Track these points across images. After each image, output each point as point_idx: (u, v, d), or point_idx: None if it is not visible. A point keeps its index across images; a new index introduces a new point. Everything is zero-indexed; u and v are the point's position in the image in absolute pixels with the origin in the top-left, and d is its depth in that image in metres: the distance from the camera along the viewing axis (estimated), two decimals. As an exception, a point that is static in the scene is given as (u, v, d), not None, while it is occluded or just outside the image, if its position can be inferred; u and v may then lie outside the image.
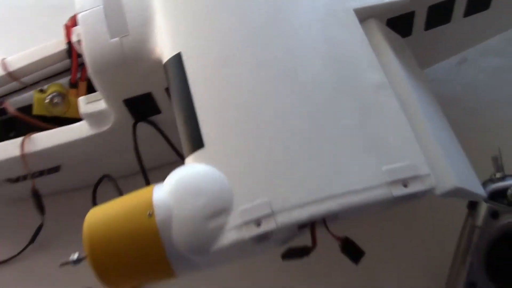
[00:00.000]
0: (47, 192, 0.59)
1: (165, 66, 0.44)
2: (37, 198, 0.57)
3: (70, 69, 0.60)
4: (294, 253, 0.38)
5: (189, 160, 0.39)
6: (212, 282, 0.54)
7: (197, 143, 0.38)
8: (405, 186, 0.35)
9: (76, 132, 0.54)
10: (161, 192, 0.37)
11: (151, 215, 0.36)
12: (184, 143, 0.40)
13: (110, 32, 0.47)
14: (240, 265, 0.55)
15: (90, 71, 0.48)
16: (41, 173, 0.58)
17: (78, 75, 0.60)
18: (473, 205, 0.42)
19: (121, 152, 0.54)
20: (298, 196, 0.35)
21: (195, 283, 0.50)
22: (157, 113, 0.53)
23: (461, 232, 0.43)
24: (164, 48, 0.45)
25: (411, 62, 0.47)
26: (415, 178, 0.35)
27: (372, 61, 0.40)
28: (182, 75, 0.42)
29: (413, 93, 0.40)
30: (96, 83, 0.49)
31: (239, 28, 0.43)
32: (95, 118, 0.53)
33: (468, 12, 0.52)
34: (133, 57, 0.47)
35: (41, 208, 0.57)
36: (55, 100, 0.59)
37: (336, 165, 0.36)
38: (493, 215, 0.40)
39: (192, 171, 0.38)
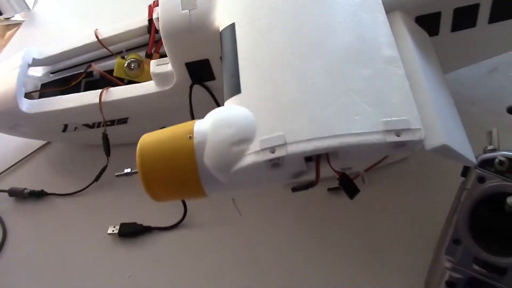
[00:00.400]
0: (114, 142, 0.70)
1: (221, 33, 0.54)
2: (106, 140, 0.68)
3: (148, 44, 0.72)
4: (301, 186, 0.46)
5: (227, 103, 0.48)
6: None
7: (235, 90, 0.47)
8: (398, 135, 0.41)
9: (144, 88, 0.65)
10: (201, 123, 0.46)
11: (191, 137, 0.45)
12: (225, 90, 0.49)
13: (182, 5, 0.58)
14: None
15: (162, 35, 0.58)
16: (112, 123, 0.69)
17: (154, 48, 0.72)
18: (465, 172, 0.47)
19: (178, 111, 0.63)
20: (307, 133, 0.42)
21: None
22: (211, 79, 0.62)
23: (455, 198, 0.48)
24: (222, 20, 0.55)
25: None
26: (407, 130, 0.41)
27: (389, 40, 0.47)
28: (233, 39, 0.51)
29: (421, 70, 0.47)
30: (165, 45, 0.59)
31: (283, 5, 0.51)
32: (161, 77, 0.63)
33: (493, 19, 0.57)
34: (197, 26, 0.57)
35: (108, 150, 0.68)
36: (132, 66, 0.70)
37: (342, 112, 0.42)
38: (480, 179, 0.44)
39: (228, 109, 0.46)
